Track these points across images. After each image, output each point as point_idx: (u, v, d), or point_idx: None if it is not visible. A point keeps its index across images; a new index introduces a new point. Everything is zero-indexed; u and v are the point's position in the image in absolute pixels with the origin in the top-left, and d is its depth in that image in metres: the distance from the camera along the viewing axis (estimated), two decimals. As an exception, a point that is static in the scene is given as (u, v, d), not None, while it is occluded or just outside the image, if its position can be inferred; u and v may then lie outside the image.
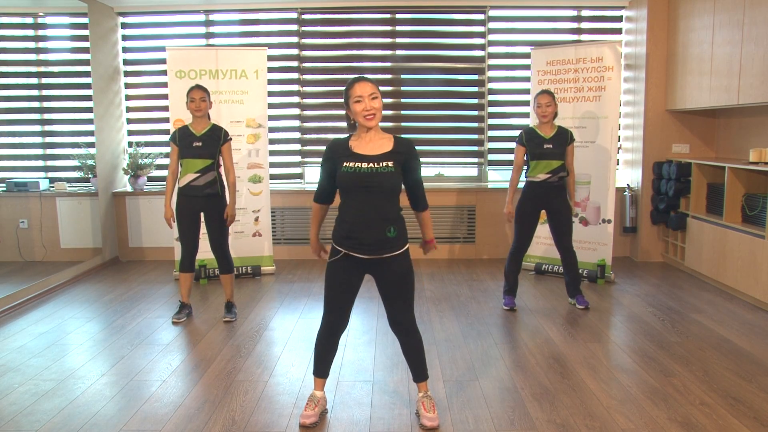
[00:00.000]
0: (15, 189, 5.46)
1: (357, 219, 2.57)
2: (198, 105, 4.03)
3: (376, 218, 2.57)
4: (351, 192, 2.58)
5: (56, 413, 2.88)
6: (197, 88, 4.07)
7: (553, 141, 4.22)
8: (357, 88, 2.57)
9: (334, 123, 6.23)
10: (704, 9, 5.07)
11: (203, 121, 4.11)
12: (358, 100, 2.56)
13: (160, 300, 4.74)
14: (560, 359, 3.48)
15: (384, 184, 2.56)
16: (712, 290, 4.89)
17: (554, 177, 4.23)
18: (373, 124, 2.59)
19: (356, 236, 2.58)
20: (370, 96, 2.56)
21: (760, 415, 2.79)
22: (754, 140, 5.11)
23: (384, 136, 2.67)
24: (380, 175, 2.55)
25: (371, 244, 2.58)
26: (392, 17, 6.13)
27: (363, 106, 2.56)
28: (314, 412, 2.76)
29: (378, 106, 2.58)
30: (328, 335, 2.78)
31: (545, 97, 4.20)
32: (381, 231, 2.57)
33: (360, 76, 2.63)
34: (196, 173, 4.05)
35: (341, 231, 2.63)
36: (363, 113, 2.57)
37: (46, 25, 5.75)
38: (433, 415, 2.72)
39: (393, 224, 2.60)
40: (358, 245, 2.59)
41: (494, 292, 4.87)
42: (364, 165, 2.56)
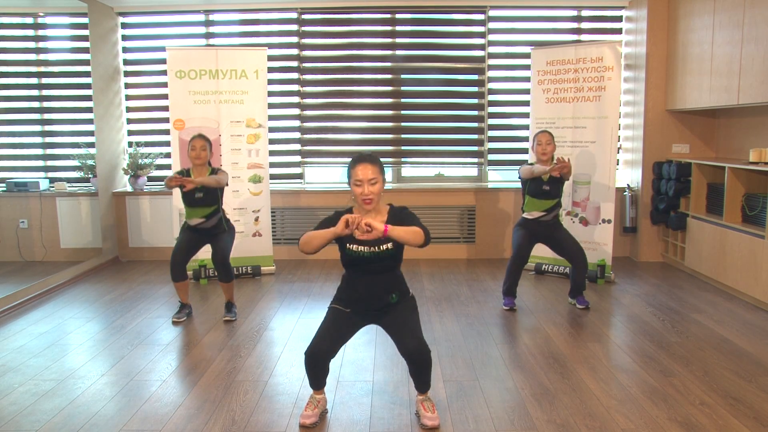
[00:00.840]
0: (15, 189, 5.46)
1: (362, 294, 2.73)
2: (198, 154, 4.10)
3: (380, 292, 2.73)
4: (356, 267, 2.72)
5: (56, 413, 2.88)
6: (199, 137, 4.13)
7: (550, 183, 4.28)
8: (359, 171, 2.59)
9: (334, 123, 6.23)
10: (704, 9, 5.07)
11: (203, 169, 4.18)
12: (358, 184, 2.60)
13: (160, 300, 4.74)
14: (560, 359, 3.48)
15: (386, 264, 2.70)
16: (712, 290, 4.89)
17: (548, 216, 4.32)
18: (370, 208, 2.65)
19: (361, 303, 2.75)
20: (369, 181, 2.59)
21: (760, 415, 2.79)
22: (754, 140, 5.11)
23: (381, 211, 2.71)
24: (381, 257, 2.67)
25: (376, 309, 2.76)
26: (392, 17, 6.13)
27: (361, 191, 2.60)
28: (314, 413, 2.77)
29: (377, 190, 2.62)
30: (319, 361, 2.73)
31: (545, 136, 4.30)
32: (384, 299, 2.75)
33: (364, 157, 2.63)
34: (202, 218, 4.16)
35: (346, 296, 2.78)
36: (361, 197, 2.62)
37: (46, 25, 5.75)
38: (434, 415, 2.72)
39: (395, 291, 2.76)
40: (363, 309, 2.77)
41: (494, 292, 4.87)
42: (365, 249, 2.66)
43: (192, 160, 4.12)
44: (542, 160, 4.32)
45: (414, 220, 2.66)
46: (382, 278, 2.73)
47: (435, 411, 2.75)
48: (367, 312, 2.78)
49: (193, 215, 4.15)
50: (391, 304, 2.76)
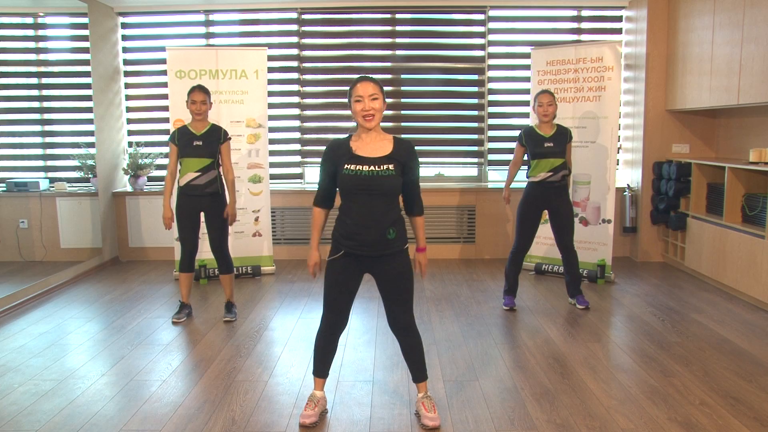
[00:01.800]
0: (15, 189, 5.45)
1: (357, 220, 2.59)
2: (199, 108, 4.04)
3: (377, 220, 2.59)
4: (352, 194, 2.60)
5: (56, 413, 2.88)
6: (198, 89, 4.06)
7: (553, 140, 4.23)
8: (359, 87, 2.59)
9: (334, 123, 6.23)
10: (704, 9, 5.07)
11: (203, 122, 4.12)
12: (358, 99, 2.58)
13: (160, 300, 4.74)
14: (560, 359, 3.48)
15: (384, 187, 2.58)
16: (712, 290, 4.89)
17: (556, 176, 4.23)
18: (371, 125, 2.60)
19: (356, 237, 2.61)
20: (370, 96, 2.57)
21: (760, 415, 2.79)
22: (754, 140, 5.11)
23: (384, 137, 2.68)
24: (381, 178, 2.57)
25: (371, 244, 2.61)
26: (392, 17, 6.13)
27: (362, 106, 2.58)
28: (314, 412, 2.76)
29: (378, 107, 2.59)
30: (328, 335, 2.78)
31: (546, 97, 4.21)
32: (381, 232, 2.60)
33: (364, 76, 2.64)
34: (196, 172, 4.05)
35: (342, 231, 2.65)
36: (361, 113, 2.59)
37: (46, 25, 5.75)
38: (434, 415, 2.72)
39: (392, 226, 2.63)
40: (358, 246, 2.62)
41: (494, 292, 4.87)
42: (365, 168, 2.57)
43: (192, 113, 4.06)
44: (544, 121, 4.25)
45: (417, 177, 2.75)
46: (380, 204, 2.58)
47: (435, 411, 2.75)
48: (362, 249, 2.61)
49: (188, 168, 4.04)
50: (387, 240, 2.61)
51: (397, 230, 2.64)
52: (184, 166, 4.07)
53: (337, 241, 2.68)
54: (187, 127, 4.11)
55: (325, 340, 2.80)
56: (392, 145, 2.65)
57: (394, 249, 2.65)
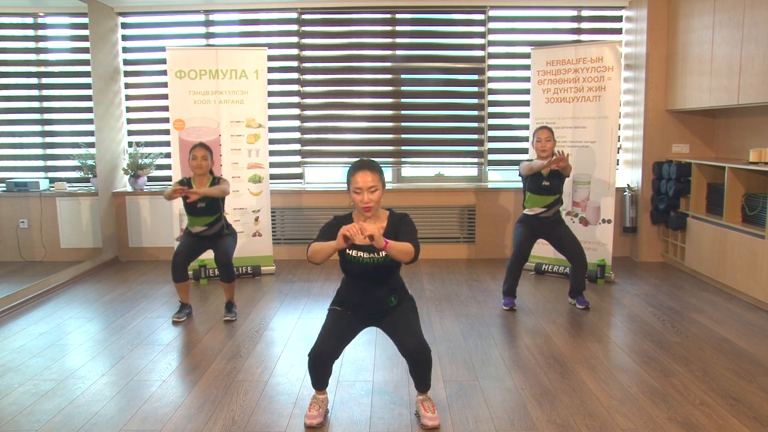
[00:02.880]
0: (15, 189, 5.46)
1: (361, 296, 2.74)
2: (199, 163, 4.11)
3: (379, 294, 2.74)
4: (354, 274, 2.73)
5: (56, 413, 2.88)
6: (200, 147, 4.13)
7: (550, 179, 4.29)
8: (358, 179, 2.58)
9: (334, 123, 6.23)
10: (704, 9, 5.07)
11: (204, 179, 4.19)
12: (357, 191, 2.60)
13: (160, 300, 4.74)
14: (560, 359, 3.48)
15: (384, 270, 2.70)
16: (712, 290, 4.89)
17: (549, 212, 4.33)
18: (369, 215, 2.65)
19: (360, 307, 2.76)
20: (369, 189, 2.59)
21: (760, 415, 2.79)
22: (754, 140, 5.11)
23: (381, 217, 2.72)
24: (380, 265, 2.67)
25: (375, 312, 2.77)
26: (392, 17, 6.13)
27: (361, 198, 2.60)
28: (319, 413, 2.77)
29: (376, 198, 2.62)
30: (321, 363, 2.76)
31: (545, 132, 4.29)
32: (384, 303, 2.75)
33: (363, 164, 2.61)
34: (204, 226, 4.19)
35: (345, 299, 2.79)
36: (360, 205, 2.62)
37: (46, 25, 5.75)
38: (434, 415, 2.73)
39: (393, 294, 2.77)
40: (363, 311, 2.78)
41: (494, 292, 4.87)
42: (365, 255, 2.67)
43: (193, 170, 4.13)
44: (542, 156, 4.31)
45: (410, 233, 2.64)
46: (381, 283, 2.73)
47: (435, 411, 2.75)
48: (366, 315, 2.78)
49: (195, 224, 4.18)
50: (390, 307, 2.76)
51: (398, 295, 2.78)
52: (190, 221, 4.20)
53: (342, 302, 2.80)
54: (191, 183, 4.17)
55: (319, 367, 2.77)
56: (386, 224, 2.70)
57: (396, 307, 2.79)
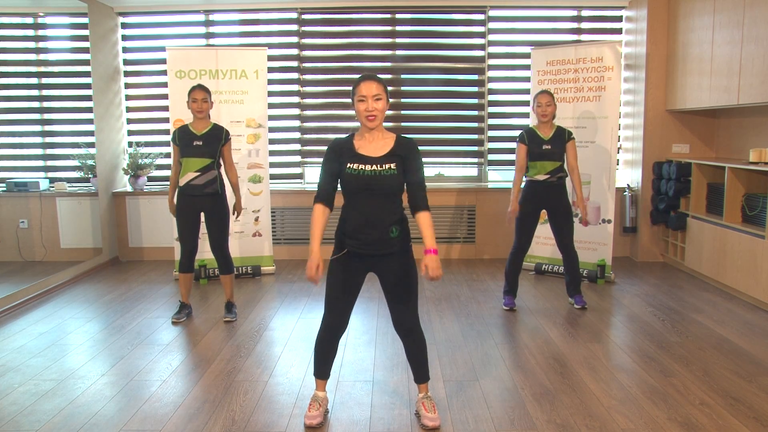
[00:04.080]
0: (15, 189, 5.46)
1: (360, 219, 2.59)
2: (200, 106, 4.03)
3: (379, 219, 2.58)
4: (354, 193, 2.60)
5: (56, 413, 2.88)
6: (199, 88, 4.06)
7: (551, 142, 4.23)
8: (362, 87, 2.57)
9: (334, 123, 6.23)
10: (704, 9, 5.07)
11: (204, 121, 4.11)
12: (362, 99, 2.57)
13: (160, 300, 4.74)
14: (560, 359, 3.48)
15: (387, 187, 2.57)
16: (712, 290, 4.89)
17: (553, 177, 4.24)
18: (373, 125, 2.60)
19: (359, 236, 2.60)
20: (373, 97, 2.56)
21: (760, 415, 2.79)
22: (754, 140, 5.11)
23: (387, 136, 2.68)
24: (383, 177, 2.57)
25: (374, 243, 2.60)
26: (392, 17, 6.13)
27: (365, 107, 2.57)
28: (319, 413, 2.77)
29: (381, 107, 2.58)
30: (329, 336, 2.77)
31: (545, 97, 4.21)
32: (384, 231, 2.59)
33: (368, 75, 2.62)
34: (196, 172, 4.05)
35: (344, 230, 2.65)
36: (364, 113, 2.58)
37: (46, 25, 5.75)
38: (434, 415, 2.72)
39: (395, 224, 2.61)
40: (361, 244, 2.61)
41: (494, 292, 4.87)
42: (367, 167, 2.57)
43: (194, 112, 4.06)
44: (542, 121, 4.25)
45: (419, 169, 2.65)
46: (383, 203, 2.57)
47: (436, 411, 2.75)
48: (365, 248, 2.60)
49: (188, 168, 4.04)
50: (390, 239, 2.60)
51: (400, 229, 2.63)
52: (184, 166, 4.07)
53: (340, 240, 2.68)
54: (188, 126, 4.11)
55: (326, 342, 2.79)
56: (393, 143, 2.65)
57: (397, 248, 2.64)
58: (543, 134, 4.26)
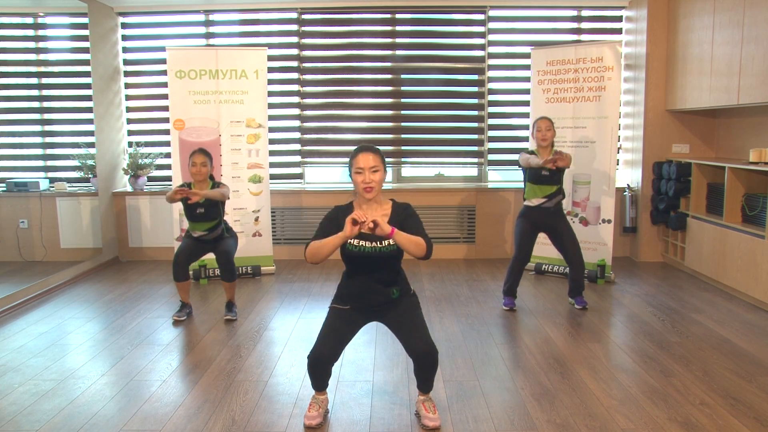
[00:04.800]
0: (15, 189, 5.45)
1: (362, 287, 2.71)
2: (199, 170, 4.12)
3: (381, 285, 2.70)
4: (356, 265, 2.70)
5: (56, 413, 2.88)
6: (200, 153, 4.14)
7: (549, 168, 4.26)
8: (360, 159, 2.60)
9: (334, 123, 6.23)
10: (704, 9, 5.07)
11: (204, 184, 4.20)
12: (359, 171, 2.60)
13: (160, 300, 4.74)
14: (560, 359, 3.48)
15: (386, 260, 2.67)
16: (712, 290, 4.89)
17: (550, 202, 4.30)
18: (371, 196, 2.63)
19: (361, 300, 2.73)
20: (370, 169, 2.59)
21: (760, 415, 2.79)
22: (754, 140, 5.11)
23: (383, 206, 2.71)
24: (383, 253, 2.64)
25: (376, 305, 2.73)
26: (392, 17, 6.13)
27: (362, 179, 2.59)
28: (318, 413, 2.77)
29: (378, 179, 2.60)
30: (320, 365, 2.74)
31: (545, 122, 4.28)
32: (385, 294, 2.71)
33: (365, 147, 2.64)
34: (204, 231, 4.21)
35: (347, 293, 2.76)
36: (362, 185, 2.61)
37: (46, 25, 5.75)
38: (435, 416, 2.73)
39: (395, 285, 2.73)
40: (363, 306, 2.74)
41: (494, 292, 4.87)
42: (367, 245, 2.64)
43: (193, 176, 4.15)
44: (542, 146, 4.29)
45: (417, 225, 2.64)
46: (383, 273, 2.69)
47: (436, 412, 2.75)
48: (367, 308, 2.75)
49: (196, 228, 4.21)
50: (392, 299, 2.73)
51: (400, 288, 2.75)
52: (191, 226, 4.22)
53: (343, 296, 2.77)
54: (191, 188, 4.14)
55: (318, 368, 2.76)
56: (390, 212, 2.69)
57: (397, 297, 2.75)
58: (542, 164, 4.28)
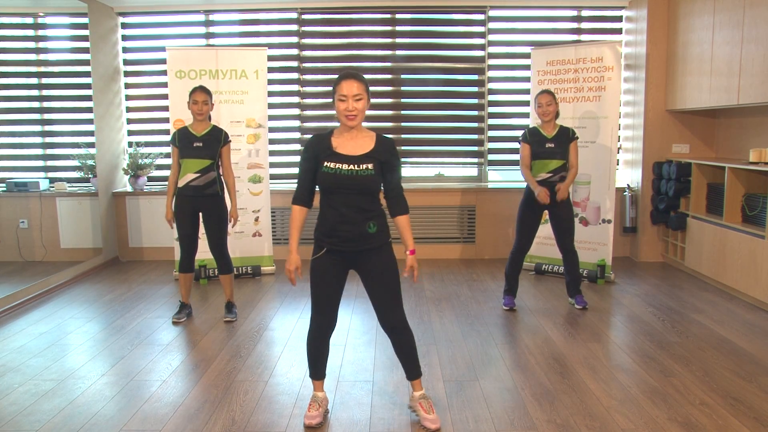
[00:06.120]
0: (15, 189, 5.45)
1: (337, 217, 2.59)
2: (200, 108, 4.03)
3: (357, 215, 2.58)
4: (331, 192, 2.60)
5: (56, 413, 2.88)
6: (200, 90, 4.06)
7: (554, 140, 4.22)
8: (343, 85, 2.54)
9: (334, 123, 6.23)
10: (704, 9, 5.07)
11: (204, 122, 4.12)
12: (342, 99, 2.54)
13: (160, 300, 4.74)
14: (560, 359, 3.48)
15: (363, 186, 2.57)
16: (712, 290, 4.89)
17: (555, 176, 4.23)
18: (353, 124, 2.58)
19: (337, 234, 2.61)
20: (354, 97, 2.53)
21: (760, 415, 2.79)
22: (754, 140, 5.11)
23: (366, 135, 2.65)
24: (360, 177, 2.56)
25: (352, 239, 2.61)
26: (392, 17, 6.13)
27: (345, 106, 2.54)
28: (318, 413, 2.77)
29: (361, 107, 2.55)
30: (319, 336, 2.78)
31: (545, 97, 4.20)
32: (361, 227, 2.60)
33: (349, 73, 2.58)
34: (195, 173, 4.05)
35: (322, 229, 2.65)
36: (344, 113, 2.56)
37: (46, 25, 5.75)
38: (434, 417, 2.72)
39: (373, 220, 2.62)
40: (340, 242, 2.62)
41: (494, 292, 4.87)
42: (344, 167, 2.56)
43: (194, 114, 4.06)
44: (545, 121, 4.24)
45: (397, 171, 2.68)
46: (360, 201, 2.57)
47: (434, 411, 2.75)
48: (344, 245, 2.61)
49: (188, 169, 4.04)
50: (369, 235, 2.61)
51: (377, 224, 2.64)
52: (184, 167, 4.06)
53: (319, 239, 2.68)
54: (188, 128, 4.11)
55: (318, 342, 2.80)
56: (373, 143, 2.63)
57: (376, 243, 2.64)
58: (546, 133, 4.26)
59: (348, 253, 2.65)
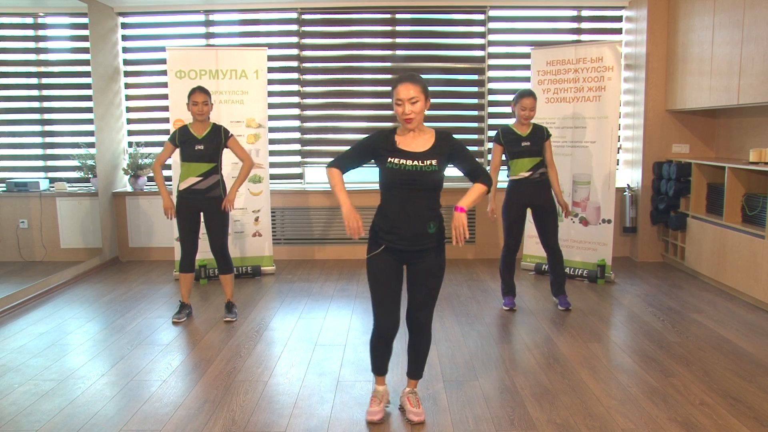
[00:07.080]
0: (15, 189, 5.45)
1: (398, 214, 2.60)
2: (200, 109, 4.01)
3: (418, 214, 2.60)
4: (394, 188, 2.61)
5: (56, 413, 2.88)
6: (199, 90, 4.04)
7: (530, 139, 4.25)
8: (400, 90, 2.57)
9: (334, 123, 6.23)
10: (704, 9, 5.07)
11: (204, 123, 4.10)
12: (399, 103, 2.58)
13: (160, 300, 4.74)
14: (560, 359, 3.48)
15: (427, 182, 2.59)
16: (712, 290, 4.89)
17: (535, 174, 4.26)
18: (412, 126, 2.60)
19: (397, 231, 2.61)
20: (410, 100, 2.55)
21: (760, 415, 2.79)
22: (754, 140, 5.11)
23: (426, 132, 2.68)
24: (424, 173, 2.58)
25: (411, 238, 2.62)
26: (392, 17, 6.13)
27: (402, 110, 2.57)
28: (380, 408, 2.78)
29: (418, 109, 2.57)
30: (384, 342, 2.75)
31: (530, 101, 4.18)
32: (421, 226, 2.61)
33: (405, 76, 2.60)
34: (198, 177, 4.05)
35: (381, 225, 2.65)
36: (402, 117, 2.59)
37: (46, 25, 5.75)
38: (419, 410, 2.76)
39: (433, 220, 2.64)
40: (398, 240, 2.62)
41: (494, 292, 4.87)
42: (408, 162, 2.59)
43: (194, 115, 4.04)
44: (522, 122, 4.25)
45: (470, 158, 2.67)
46: (422, 199, 2.60)
47: (420, 406, 2.79)
48: (402, 243, 2.61)
49: (190, 173, 4.03)
50: (428, 235, 2.62)
51: (436, 225, 2.66)
52: (185, 170, 4.05)
53: (377, 235, 2.68)
54: (189, 128, 4.10)
55: (381, 346, 2.77)
56: (434, 140, 2.65)
57: (432, 244, 2.66)
58: (521, 132, 4.27)
59: (404, 251, 2.65)
